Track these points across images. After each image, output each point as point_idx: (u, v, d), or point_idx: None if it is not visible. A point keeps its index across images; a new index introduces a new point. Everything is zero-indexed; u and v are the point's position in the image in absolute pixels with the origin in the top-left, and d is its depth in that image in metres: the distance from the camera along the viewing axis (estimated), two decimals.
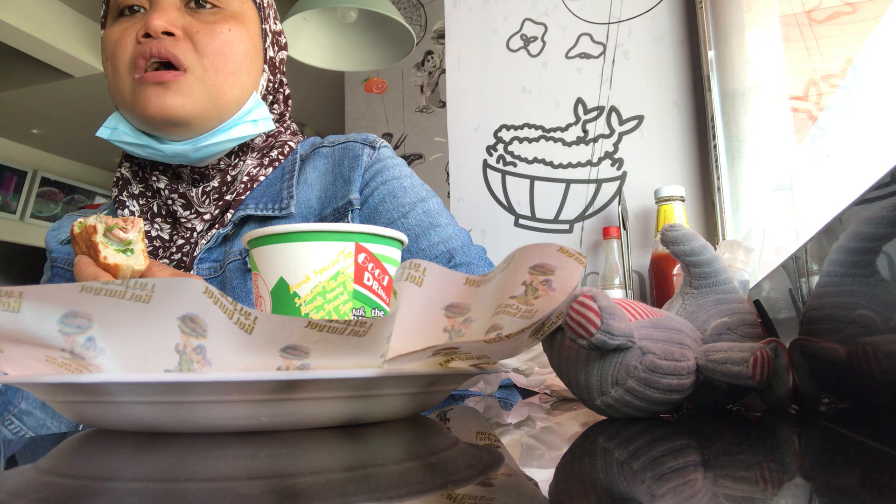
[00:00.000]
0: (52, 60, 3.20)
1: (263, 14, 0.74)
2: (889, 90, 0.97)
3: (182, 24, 0.66)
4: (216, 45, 0.67)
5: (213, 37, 0.67)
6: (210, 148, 0.68)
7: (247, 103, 0.70)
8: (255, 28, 0.72)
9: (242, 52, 0.69)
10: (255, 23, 0.72)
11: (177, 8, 0.67)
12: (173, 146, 0.67)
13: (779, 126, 1.23)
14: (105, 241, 0.51)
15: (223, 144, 0.69)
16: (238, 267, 0.69)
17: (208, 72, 0.66)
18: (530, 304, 0.38)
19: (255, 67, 0.71)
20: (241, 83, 0.69)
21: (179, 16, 0.66)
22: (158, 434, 0.32)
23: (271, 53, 0.74)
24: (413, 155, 1.65)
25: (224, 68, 0.67)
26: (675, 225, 0.44)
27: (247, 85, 0.70)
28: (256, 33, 0.72)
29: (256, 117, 0.71)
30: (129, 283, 0.28)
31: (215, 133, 0.67)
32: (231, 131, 0.69)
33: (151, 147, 0.67)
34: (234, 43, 0.68)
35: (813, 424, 0.35)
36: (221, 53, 0.67)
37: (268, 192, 0.73)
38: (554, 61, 1.49)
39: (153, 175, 0.72)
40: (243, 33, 0.69)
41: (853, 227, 0.29)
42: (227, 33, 0.68)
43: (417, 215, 0.74)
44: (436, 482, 0.22)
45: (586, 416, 0.42)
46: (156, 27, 0.64)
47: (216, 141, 0.68)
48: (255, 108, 0.71)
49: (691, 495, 0.21)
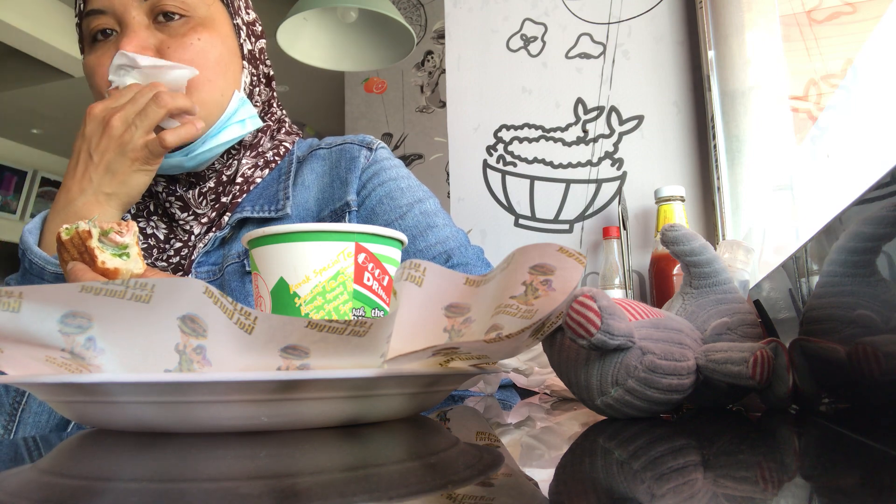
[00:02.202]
0: (52, 60, 3.20)
1: (233, 9, 0.73)
2: (889, 90, 0.97)
3: (153, 43, 0.66)
4: (188, 57, 0.67)
5: (184, 49, 0.67)
6: (203, 155, 0.68)
7: (230, 104, 0.70)
8: (226, 28, 0.71)
9: (215, 58, 0.69)
10: (226, 22, 0.72)
11: (146, 27, 0.67)
12: (168, 160, 0.67)
13: (779, 126, 1.23)
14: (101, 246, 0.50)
15: (215, 150, 0.69)
16: (236, 270, 0.69)
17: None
18: (530, 304, 0.38)
19: (231, 68, 0.71)
20: (218, 88, 0.69)
21: (150, 34, 0.66)
22: (158, 434, 0.32)
23: (248, 46, 0.74)
24: (413, 155, 1.65)
25: (199, 77, 0.67)
26: (675, 225, 0.44)
27: (225, 88, 0.70)
28: (228, 33, 0.72)
29: (243, 117, 0.71)
30: (129, 283, 0.28)
31: (205, 140, 0.67)
32: (220, 136, 0.69)
33: None
34: (206, 51, 0.68)
35: (813, 424, 0.35)
36: (194, 65, 0.67)
37: (265, 195, 0.73)
38: (554, 61, 1.49)
39: None
40: (214, 38, 0.69)
41: (853, 227, 0.29)
42: (198, 43, 0.68)
43: (415, 216, 0.74)
44: (436, 482, 0.22)
45: (586, 416, 0.42)
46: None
47: (207, 148, 0.68)
48: (240, 108, 0.70)
49: (691, 495, 0.21)
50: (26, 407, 0.63)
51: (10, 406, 0.63)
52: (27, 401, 0.63)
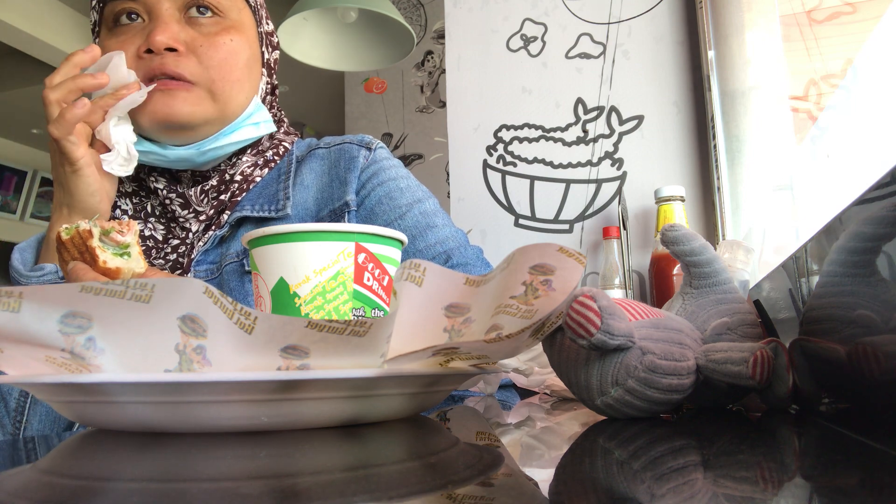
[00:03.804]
0: (53, 60, 3.20)
1: (258, 17, 0.74)
2: (889, 90, 0.97)
3: (184, 38, 0.66)
4: (220, 56, 0.67)
5: (216, 49, 0.67)
6: (214, 152, 0.69)
7: (248, 107, 0.70)
8: (253, 33, 0.72)
9: (245, 61, 0.69)
10: (253, 28, 0.72)
11: (177, 20, 0.66)
12: (177, 151, 0.67)
13: (779, 126, 1.23)
14: (102, 246, 0.50)
15: (227, 148, 0.69)
16: (235, 269, 0.69)
17: (216, 83, 0.66)
18: (530, 304, 0.38)
19: (255, 73, 0.72)
20: (244, 90, 0.70)
21: (181, 29, 0.66)
22: (158, 434, 0.32)
23: (267, 55, 0.75)
24: (413, 155, 1.65)
25: (230, 77, 0.67)
26: (675, 225, 0.44)
27: (249, 91, 0.71)
28: (255, 38, 0.72)
29: (258, 120, 0.71)
30: (128, 283, 0.28)
31: (218, 137, 0.68)
32: (234, 135, 0.69)
33: (155, 153, 0.67)
34: (237, 53, 0.68)
35: (813, 424, 0.35)
36: (226, 64, 0.67)
37: (264, 194, 0.73)
38: (554, 61, 1.49)
39: (151, 176, 0.72)
40: (244, 42, 0.70)
41: (853, 227, 0.29)
42: (230, 44, 0.68)
43: (414, 216, 0.74)
44: (436, 482, 0.22)
45: (586, 416, 0.42)
46: (159, 44, 0.63)
47: (220, 145, 0.68)
48: (256, 112, 0.71)
49: (691, 495, 0.21)
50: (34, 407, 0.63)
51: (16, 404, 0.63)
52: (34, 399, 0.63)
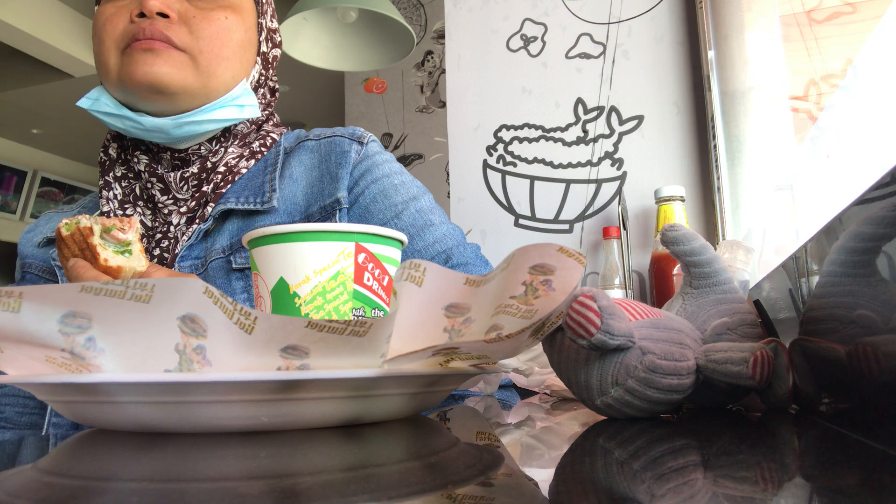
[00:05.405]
0: (52, 60, 3.20)
1: (261, 9, 0.74)
2: (889, 90, 0.97)
3: (179, 8, 0.65)
4: (212, 30, 0.66)
5: (209, 22, 0.66)
6: (192, 126, 0.67)
7: (235, 88, 0.69)
8: (251, 20, 0.72)
9: (237, 41, 0.69)
10: (252, 16, 0.72)
11: None
12: (153, 120, 0.65)
13: (779, 126, 1.23)
14: (103, 243, 0.49)
15: (205, 125, 0.67)
16: (221, 265, 0.67)
17: (203, 53, 0.66)
18: (530, 304, 0.38)
19: (248, 57, 0.71)
20: (232, 69, 0.69)
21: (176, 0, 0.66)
22: (158, 434, 0.32)
23: (265, 48, 0.74)
24: (413, 155, 1.65)
25: (219, 52, 0.67)
26: (675, 225, 0.44)
27: (238, 72, 0.70)
28: (252, 25, 0.72)
29: (243, 103, 0.70)
30: (128, 283, 0.28)
31: (199, 112, 0.66)
32: (215, 112, 0.67)
33: (131, 119, 0.65)
34: (230, 30, 0.68)
35: (813, 424, 0.35)
36: (217, 38, 0.66)
37: (249, 186, 0.71)
38: (554, 61, 1.49)
39: (135, 156, 0.70)
40: (239, 23, 0.69)
41: (853, 227, 0.29)
42: (224, 20, 0.67)
43: (411, 215, 0.72)
44: (436, 482, 0.22)
45: (586, 416, 0.42)
46: (151, 7, 0.63)
47: (199, 119, 0.66)
48: (242, 95, 0.70)
49: (691, 495, 0.21)
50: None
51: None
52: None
